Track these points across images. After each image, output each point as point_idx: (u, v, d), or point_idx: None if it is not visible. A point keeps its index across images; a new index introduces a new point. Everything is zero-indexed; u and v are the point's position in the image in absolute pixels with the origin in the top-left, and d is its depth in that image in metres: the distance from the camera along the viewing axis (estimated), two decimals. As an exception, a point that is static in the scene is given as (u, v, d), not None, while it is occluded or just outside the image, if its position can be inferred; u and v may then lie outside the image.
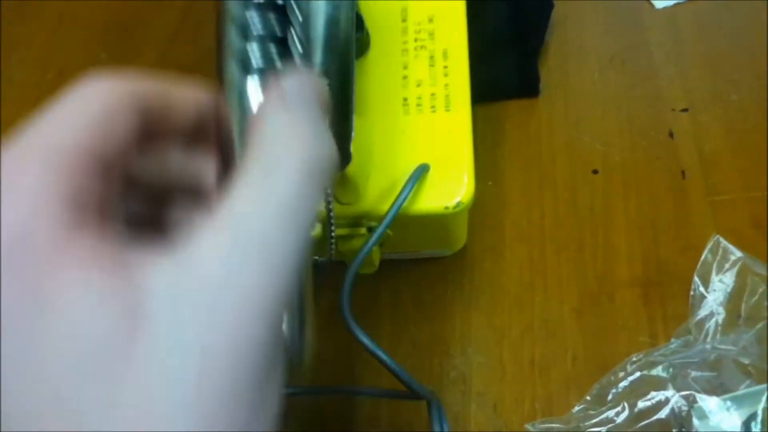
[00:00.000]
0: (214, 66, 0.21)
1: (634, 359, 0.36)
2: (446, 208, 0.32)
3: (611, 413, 0.33)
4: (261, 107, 0.18)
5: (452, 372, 0.37)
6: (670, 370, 0.35)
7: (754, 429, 0.30)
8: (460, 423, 0.36)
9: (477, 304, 0.39)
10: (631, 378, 0.35)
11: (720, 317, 0.36)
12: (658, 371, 0.35)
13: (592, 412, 0.33)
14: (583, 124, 0.45)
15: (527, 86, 0.46)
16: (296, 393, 0.35)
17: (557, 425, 0.33)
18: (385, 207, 0.31)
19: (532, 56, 0.47)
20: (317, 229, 0.32)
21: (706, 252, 0.37)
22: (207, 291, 0.15)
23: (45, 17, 0.56)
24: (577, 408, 0.34)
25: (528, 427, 0.34)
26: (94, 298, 0.14)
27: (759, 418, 0.30)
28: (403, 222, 0.32)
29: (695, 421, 0.31)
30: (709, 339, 0.36)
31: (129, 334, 0.14)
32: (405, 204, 0.31)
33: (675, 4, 0.50)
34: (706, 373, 0.34)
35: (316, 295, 0.22)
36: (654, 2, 0.50)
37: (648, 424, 0.32)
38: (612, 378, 0.35)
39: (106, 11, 0.55)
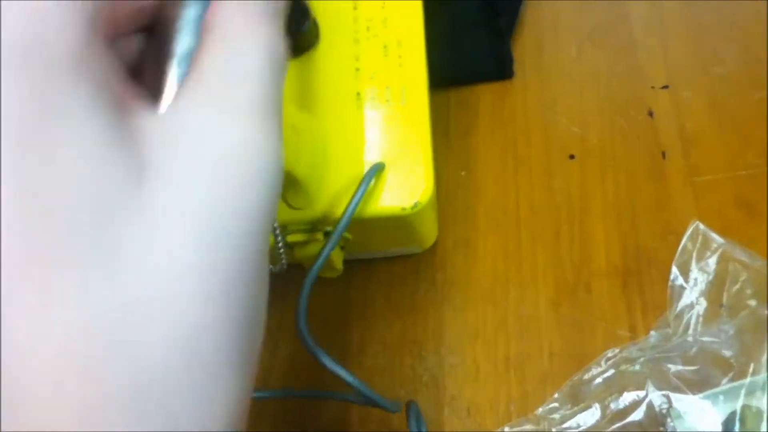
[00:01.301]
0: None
1: (610, 355, 0.35)
2: (403, 209, 0.30)
3: (584, 415, 0.31)
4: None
5: (424, 375, 0.36)
6: (649, 366, 0.33)
7: (734, 429, 0.29)
8: (434, 429, 0.34)
9: (449, 301, 0.37)
10: (605, 375, 0.34)
11: (701, 308, 0.34)
12: (635, 367, 0.34)
13: (566, 412, 0.32)
14: (559, 106, 0.43)
15: (500, 68, 0.44)
16: (267, 396, 0.34)
17: (529, 427, 0.32)
18: (340, 210, 0.30)
19: (505, 35, 0.44)
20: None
21: (685, 239, 0.36)
22: (204, 144, 0.15)
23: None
24: (544, 408, 0.33)
25: (506, 429, 0.33)
26: (101, 137, 0.14)
27: (737, 417, 0.29)
28: (362, 224, 0.31)
29: (671, 422, 0.29)
30: (690, 331, 0.34)
31: (132, 179, 0.14)
32: (360, 206, 0.29)
33: (655, -26, 0.48)
34: (686, 367, 0.33)
35: (278, 305, 0.21)
36: (633, -28, 0.48)
37: (623, 425, 0.30)
38: (585, 376, 0.34)
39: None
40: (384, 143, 0.31)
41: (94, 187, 0.13)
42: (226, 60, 0.16)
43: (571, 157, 0.41)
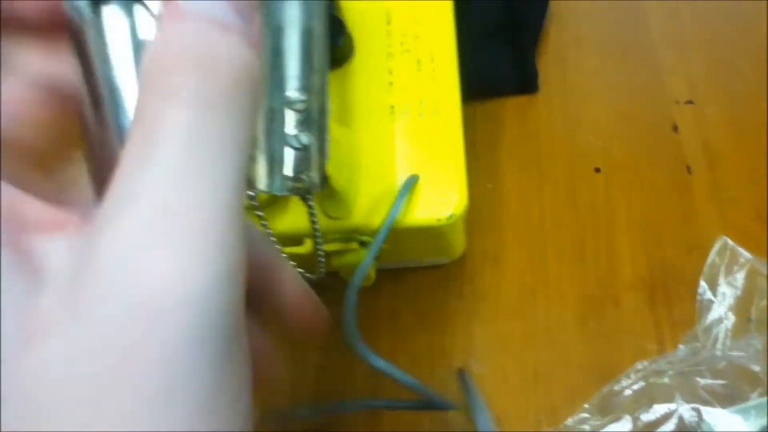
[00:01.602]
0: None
1: (639, 367, 0.35)
2: (438, 220, 0.31)
3: (615, 426, 0.31)
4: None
5: (453, 386, 0.36)
6: (678, 379, 0.34)
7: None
8: (462, 438, 0.35)
9: (478, 313, 0.38)
10: (635, 387, 0.34)
11: (729, 322, 0.35)
12: (664, 380, 0.34)
13: (596, 423, 0.32)
14: (583, 120, 0.44)
15: (525, 82, 0.45)
16: (308, 415, 0.34)
17: (561, 437, 0.32)
18: (376, 220, 0.30)
19: (529, 50, 0.45)
20: (307, 245, 0.31)
21: (713, 254, 0.36)
22: (114, 297, 0.12)
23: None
24: (574, 418, 0.33)
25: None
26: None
27: (769, 431, 0.29)
28: (396, 235, 0.31)
29: (702, 436, 0.30)
30: (718, 345, 0.34)
31: (24, 345, 0.12)
32: (396, 217, 0.30)
33: (678, -10, 0.48)
34: (715, 381, 0.33)
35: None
36: (655, -12, 0.49)
37: (654, 437, 0.31)
38: (615, 387, 0.34)
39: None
40: (418, 155, 0.31)
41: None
42: (150, 150, 0.13)
43: (597, 170, 0.42)
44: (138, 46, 0.15)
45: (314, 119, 0.22)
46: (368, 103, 0.32)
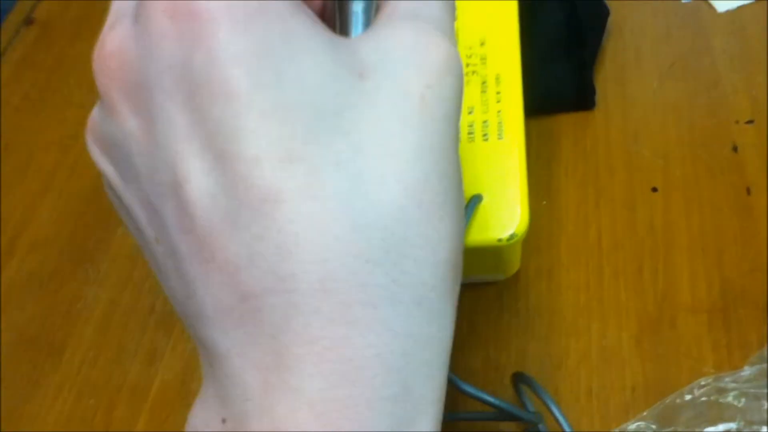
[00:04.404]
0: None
1: (703, 383, 0.35)
2: (499, 240, 0.31)
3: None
4: None
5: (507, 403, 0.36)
6: (742, 400, 0.33)
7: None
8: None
9: (532, 330, 0.38)
10: (697, 403, 0.34)
11: (797, 347, 0.34)
12: (727, 398, 0.34)
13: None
14: (641, 138, 0.44)
15: (582, 98, 0.45)
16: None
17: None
18: (437, 239, 0.31)
19: (588, 67, 0.45)
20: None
21: None
22: (410, 53, 0.18)
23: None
24: (631, 425, 0.33)
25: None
26: (328, 45, 0.17)
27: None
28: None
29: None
30: (785, 370, 0.34)
31: (357, 80, 0.17)
32: (458, 237, 0.30)
33: (739, 7, 0.48)
34: (781, 407, 0.33)
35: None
36: (716, 5, 0.48)
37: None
38: (678, 400, 0.34)
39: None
40: (481, 176, 0.32)
41: (326, 85, 0.17)
42: (421, 2, 0.19)
43: (654, 189, 0.41)
44: None
45: None
46: (432, 123, 0.33)
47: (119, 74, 0.17)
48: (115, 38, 0.17)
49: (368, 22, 0.20)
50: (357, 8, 0.20)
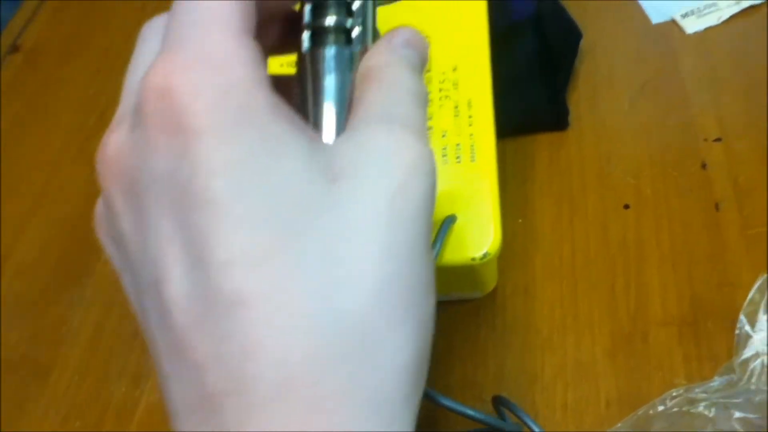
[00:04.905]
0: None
1: (674, 394, 0.36)
2: (473, 259, 0.32)
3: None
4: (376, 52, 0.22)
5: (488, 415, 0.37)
6: (713, 409, 0.34)
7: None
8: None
9: (509, 346, 0.39)
10: (669, 413, 0.35)
11: (766, 358, 0.35)
12: (699, 409, 0.35)
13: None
14: (613, 157, 0.45)
15: (557, 119, 0.46)
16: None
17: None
18: (412, 259, 0.32)
19: (561, 89, 0.47)
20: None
21: (753, 291, 0.37)
22: (384, 157, 0.19)
23: (88, 60, 0.59)
24: None
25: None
26: (305, 149, 0.18)
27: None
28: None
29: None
30: (753, 380, 0.35)
31: (329, 183, 0.18)
32: (432, 256, 0.31)
33: (706, 28, 0.49)
34: (750, 415, 0.34)
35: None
36: (685, 27, 0.50)
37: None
38: (650, 411, 0.35)
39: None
40: (454, 196, 0.33)
41: (300, 190, 0.18)
42: (386, 97, 0.21)
43: (626, 207, 0.43)
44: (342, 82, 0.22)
45: None
46: (407, 147, 0.34)
47: (117, 177, 0.19)
48: (115, 143, 0.19)
49: (342, 100, 0.21)
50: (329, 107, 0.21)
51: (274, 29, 0.24)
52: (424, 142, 0.20)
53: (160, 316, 0.18)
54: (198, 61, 0.18)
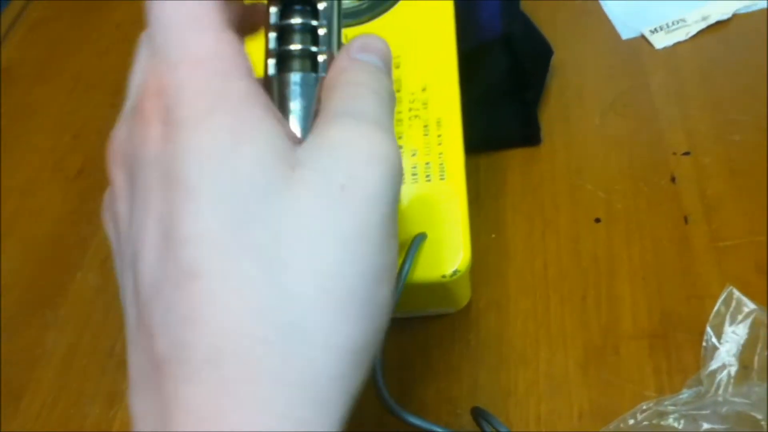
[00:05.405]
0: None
1: (645, 407, 0.36)
2: (444, 276, 0.32)
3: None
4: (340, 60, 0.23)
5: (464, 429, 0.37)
6: (681, 421, 0.35)
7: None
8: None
9: (483, 361, 0.39)
10: (640, 427, 0.35)
11: (732, 369, 0.36)
12: (668, 421, 0.35)
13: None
14: (585, 172, 0.46)
15: (529, 135, 0.47)
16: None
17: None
18: (383, 277, 0.32)
19: (533, 105, 0.47)
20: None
21: (719, 303, 0.37)
22: (337, 150, 0.20)
23: (62, 79, 0.59)
24: None
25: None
26: (272, 135, 0.19)
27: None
28: (403, 289, 0.33)
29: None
30: (720, 391, 0.36)
31: (289, 170, 0.19)
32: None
33: (675, 44, 0.50)
34: (717, 426, 0.34)
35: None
36: (654, 42, 0.51)
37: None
38: (621, 425, 0.36)
39: (118, 71, 0.57)
40: (424, 214, 0.33)
41: (261, 175, 0.19)
42: (342, 95, 0.22)
43: (597, 220, 0.43)
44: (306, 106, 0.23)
45: None
46: (377, 166, 0.34)
47: (119, 164, 0.21)
48: (119, 135, 0.21)
49: (308, 119, 0.22)
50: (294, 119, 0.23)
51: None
52: (383, 132, 0.21)
53: (133, 290, 0.19)
54: (181, 60, 0.19)
